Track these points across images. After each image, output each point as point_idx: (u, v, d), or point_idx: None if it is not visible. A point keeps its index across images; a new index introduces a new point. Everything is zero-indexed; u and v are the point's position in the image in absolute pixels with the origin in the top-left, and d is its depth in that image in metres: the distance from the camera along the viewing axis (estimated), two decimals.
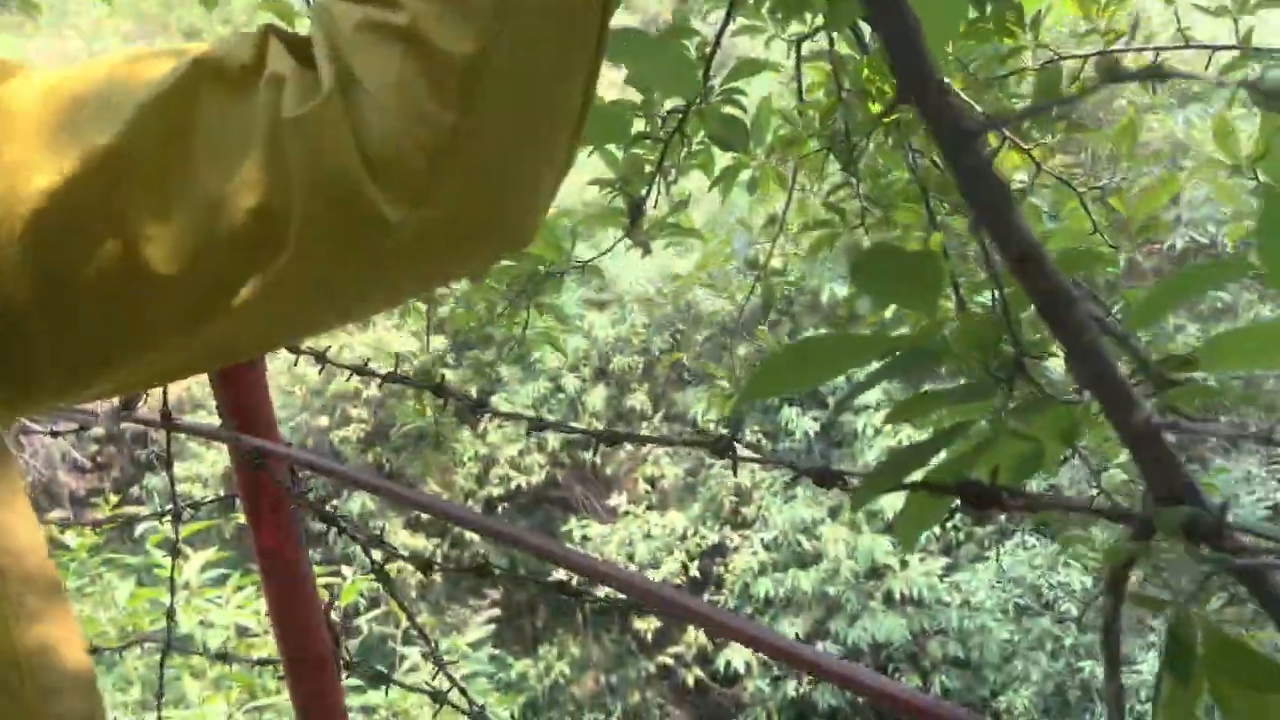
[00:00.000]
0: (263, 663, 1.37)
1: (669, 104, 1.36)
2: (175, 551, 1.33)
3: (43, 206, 0.45)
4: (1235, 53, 1.08)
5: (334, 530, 1.23)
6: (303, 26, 0.53)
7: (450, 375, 7.47)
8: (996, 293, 0.35)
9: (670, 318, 8.02)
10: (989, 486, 0.37)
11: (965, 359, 0.36)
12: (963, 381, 0.40)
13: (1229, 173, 1.28)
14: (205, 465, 7.37)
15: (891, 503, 7.04)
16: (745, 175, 1.52)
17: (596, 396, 7.78)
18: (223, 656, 1.35)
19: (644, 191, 1.38)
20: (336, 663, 1.22)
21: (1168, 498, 0.31)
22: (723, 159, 1.47)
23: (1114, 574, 0.34)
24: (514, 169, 0.51)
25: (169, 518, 1.32)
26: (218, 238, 0.47)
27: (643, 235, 1.40)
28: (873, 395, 7.24)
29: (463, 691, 0.99)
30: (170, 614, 1.32)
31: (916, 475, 0.43)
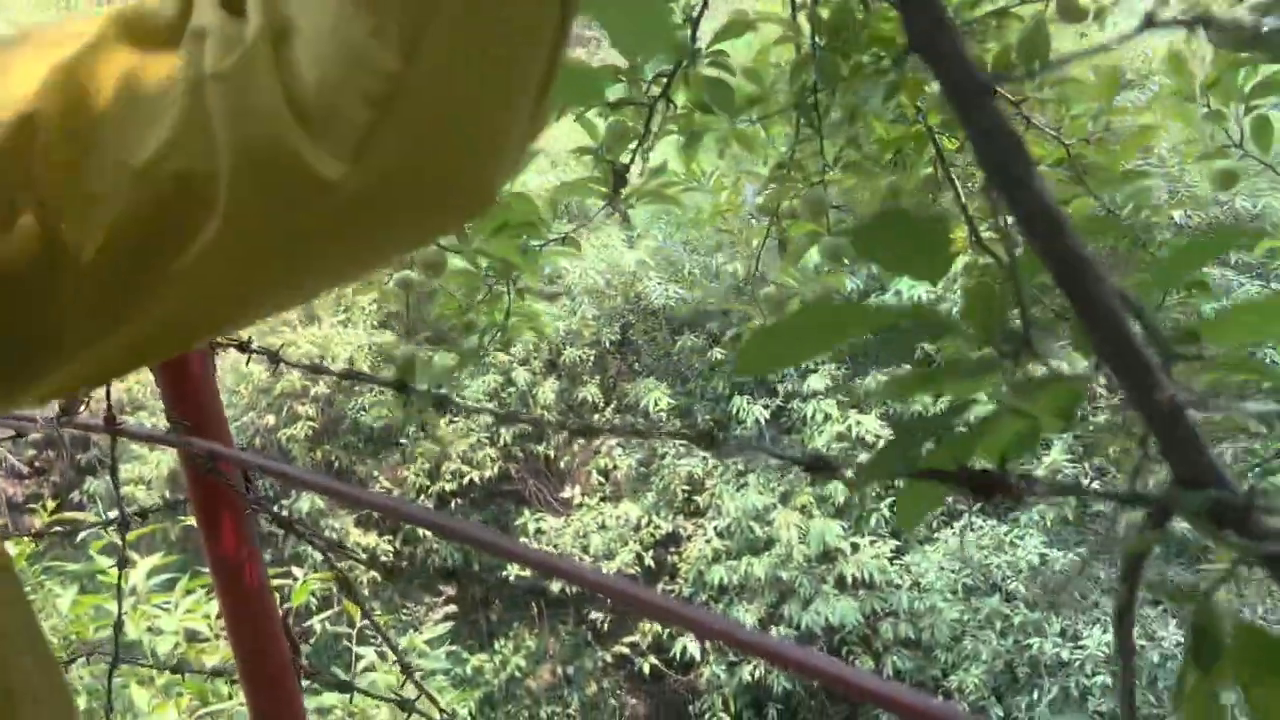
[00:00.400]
0: (217, 674, 1.33)
1: (652, 67, 1.33)
2: (123, 562, 1.28)
3: None
4: None
5: (284, 530, 1.19)
6: None
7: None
8: (1007, 260, 0.33)
9: (620, 309, 8.01)
10: (996, 473, 0.35)
11: (969, 332, 0.35)
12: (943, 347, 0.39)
13: (1182, 101, 1.31)
14: (149, 467, 7.20)
15: (842, 487, 7.12)
16: (710, 138, 1.50)
17: (548, 389, 7.74)
18: (176, 669, 1.30)
19: (626, 159, 1.35)
20: (296, 671, 1.19)
21: (1191, 481, 0.30)
22: (706, 121, 1.44)
23: (1130, 561, 0.33)
24: (469, 122, 0.47)
25: (115, 527, 1.28)
26: (140, 208, 0.44)
27: (622, 204, 1.37)
28: (821, 381, 7.30)
29: (432, 700, 0.97)
30: (119, 627, 1.27)
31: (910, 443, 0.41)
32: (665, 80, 1.30)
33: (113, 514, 1.31)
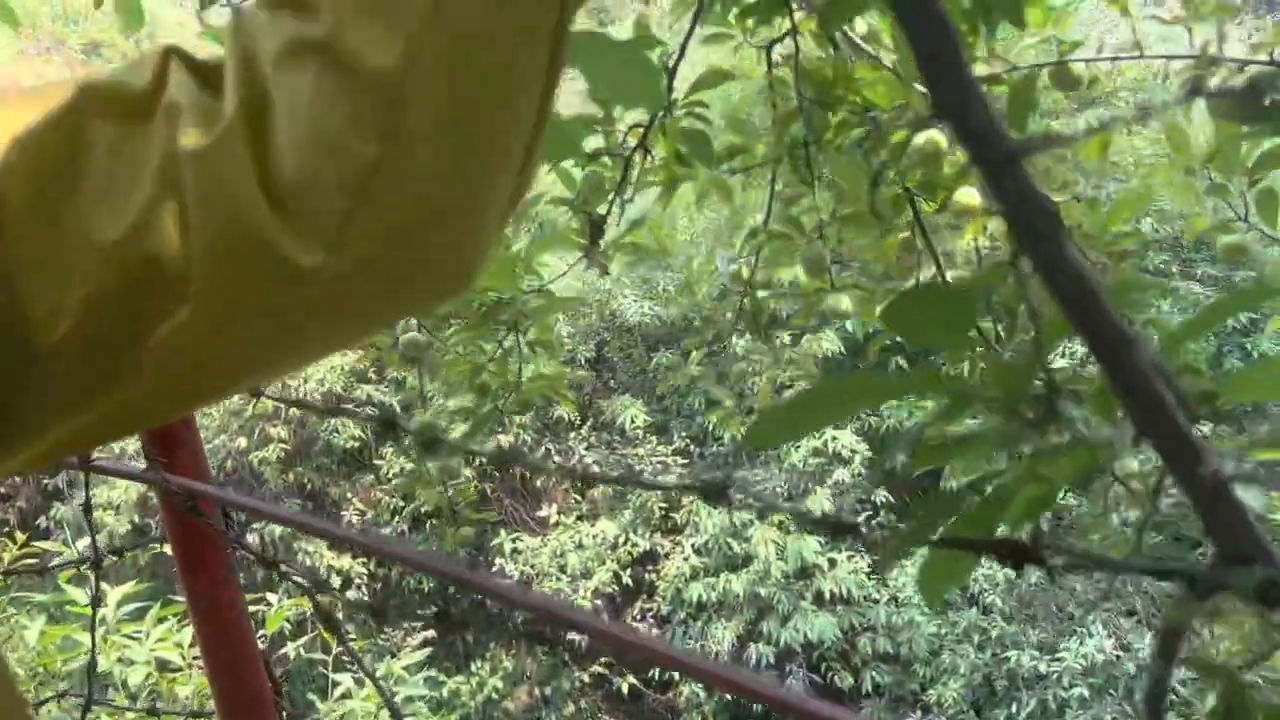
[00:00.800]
0: (197, 716, 1.29)
1: (630, 118, 1.32)
2: (96, 601, 1.24)
3: None
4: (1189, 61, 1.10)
5: (268, 569, 1.17)
6: None
7: (372, 392, 7.34)
8: (1032, 329, 0.32)
9: (595, 326, 8.00)
10: (1027, 544, 0.34)
11: (994, 403, 0.34)
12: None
13: (1182, 174, 1.32)
14: (118, 492, 7.10)
15: (820, 503, 7.13)
16: (686, 188, 1.49)
17: None
18: (152, 711, 1.27)
19: (604, 210, 1.34)
20: (279, 710, 1.16)
21: (1236, 557, 0.29)
22: (685, 174, 1.43)
23: (1167, 634, 0.32)
24: (449, 205, 0.45)
25: (88, 564, 1.24)
26: (109, 289, 0.42)
27: (600, 256, 1.36)
28: None
29: None
30: (92, 667, 1.23)
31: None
32: (642, 131, 1.29)
33: (83, 543, 1.27)
